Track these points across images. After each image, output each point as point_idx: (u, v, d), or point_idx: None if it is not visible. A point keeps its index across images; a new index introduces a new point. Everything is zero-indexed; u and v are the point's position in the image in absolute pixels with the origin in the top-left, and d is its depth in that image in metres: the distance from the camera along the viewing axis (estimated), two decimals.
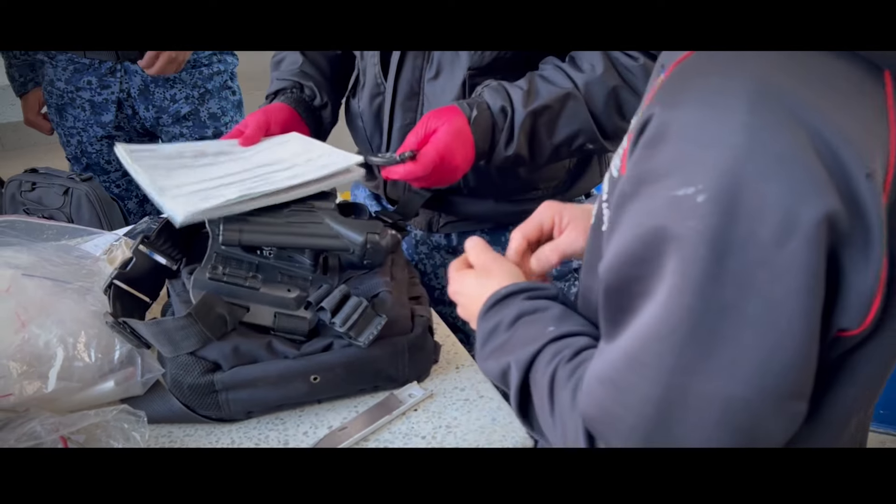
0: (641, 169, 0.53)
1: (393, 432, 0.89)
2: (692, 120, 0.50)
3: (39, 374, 0.87)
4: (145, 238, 0.98)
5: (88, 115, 1.86)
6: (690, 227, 0.49)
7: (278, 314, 0.89)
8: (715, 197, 0.48)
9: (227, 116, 1.95)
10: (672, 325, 0.50)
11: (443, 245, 1.24)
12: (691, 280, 0.49)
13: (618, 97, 0.99)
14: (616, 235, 0.56)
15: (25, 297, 0.92)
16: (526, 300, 0.74)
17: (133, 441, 0.83)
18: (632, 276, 0.54)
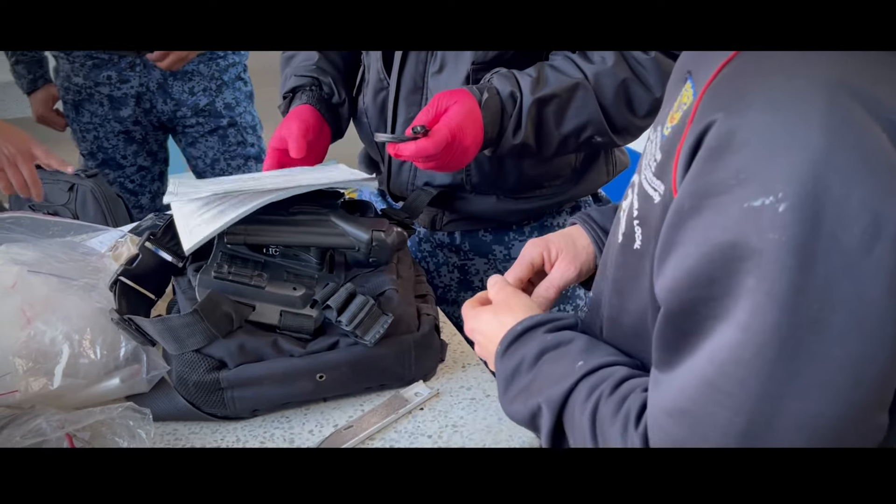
0: (705, 182, 0.50)
1: (399, 431, 0.88)
2: (763, 125, 0.48)
3: (45, 370, 0.87)
4: (151, 235, 0.98)
5: (107, 110, 1.86)
6: (772, 240, 0.46)
7: (284, 312, 0.89)
8: (798, 205, 0.45)
9: (240, 106, 1.97)
10: (756, 347, 0.47)
11: (446, 243, 1.23)
12: (776, 296, 0.46)
13: (627, 90, 0.98)
14: (675, 256, 0.53)
15: (31, 293, 0.92)
16: (546, 333, 0.71)
17: (138, 438, 0.83)
18: (700, 297, 0.51)
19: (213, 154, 1.98)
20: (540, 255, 0.87)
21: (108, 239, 1.20)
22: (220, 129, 1.96)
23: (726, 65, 0.53)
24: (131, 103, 1.86)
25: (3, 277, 0.93)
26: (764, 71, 0.50)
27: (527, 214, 1.18)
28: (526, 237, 1.20)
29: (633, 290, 0.65)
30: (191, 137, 1.97)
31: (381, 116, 1.15)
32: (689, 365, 0.52)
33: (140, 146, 1.95)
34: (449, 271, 1.25)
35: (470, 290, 1.24)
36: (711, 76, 0.54)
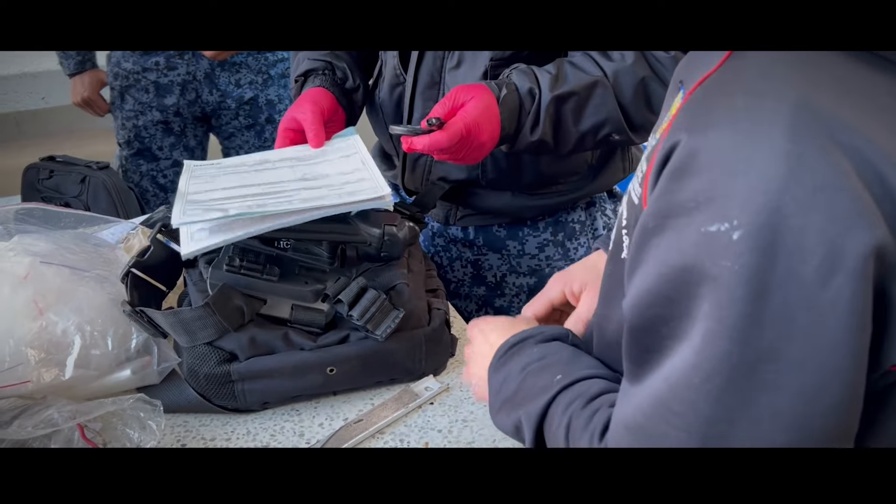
0: (667, 202, 0.49)
1: (409, 425, 0.88)
2: (724, 148, 0.46)
3: (57, 361, 0.87)
4: (163, 227, 0.98)
5: (151, 96, 1.86)
6: (725, 267, 0.45)
7: (295, 306, 0.89)
8: (752, 233, 0.44)
9: (282, 104, 1.96)
10: (707, 372, 0.46)
11: (459, 238, 1.23)
12: (728, 324, 0.45)
13: (646, 88, 0.98)
14: (640, 272, 0.52)
15: (44, 284, 0.92)
16: (534, 345, 0.72)
17: (149, 430, 0.83)
18: (659, 316, 0.50)
19: (248, 148, 1.99)
20: (560, 292, 0.87)
21: (120, 231, 1.20)
22: (258, 126, 1.96)
23: (704, 81, 0.52)
24: (176, 91, 1.86)
25: (16, 268, 0.94)
26: (729, 90, 0.49)
27: (542, 210, 1.17)
28: (540, 233, 1.19)
29: (616, 299, 0.64)
30: (228, 132, 1.98)
31: (397, 111, 1.15)
32: (649, 382, 0.52)
33: (178, 139, 1.95)
34: (462, 266, 1.24)
35: (483, 284, 1.24)
36: (689, 91, 0.53)
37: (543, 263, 1.21)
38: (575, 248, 1.21)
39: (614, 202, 1.26)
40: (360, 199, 0.91)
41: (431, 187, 1.13)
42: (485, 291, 1.24)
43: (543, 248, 1.20)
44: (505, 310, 1.25)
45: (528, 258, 1.20)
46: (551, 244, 1.20)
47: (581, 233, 1.21)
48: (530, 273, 1.21)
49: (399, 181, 1.20)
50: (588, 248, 1.22)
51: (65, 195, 1.61)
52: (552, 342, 0.73)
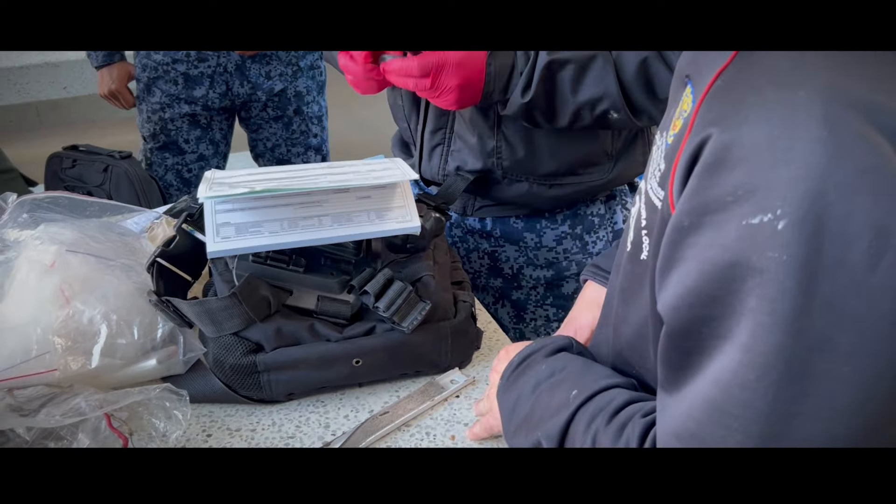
0: (702, 198, 0.48)
1: (435, 419, 0.88)
2: (759, 140, 0.46)
3: (84, 350, 0.87)
4: (189, 217, 0.98)
5: (180, 88, 1.86)
6: (772, 259, 0.44)
7: (321, 297, 0.88)
8: (797, 222, 0.43)
9: (310, 96, 1.97)
10: (761, 368, 0.46)
11: (477, 229, 1.22)
12: (779, 316, 0.45)
13: (649, 69, 0.94)
14: (676, 273, 0.51)
15: (70, 272, 0.92)
16: (542, 360, 0.71)
17: (175, 420, 0.83)
18: (701, 316, 0.49)
19: (276, 140, 1.99)
20: None
21: (144, 220, 1.20)
22: (286, 118, 1.96)
23: (721, 73, 0.51)
24: (206, 83, 1.86)
25: (43, 256, 0.94)
26: (756, 82, 0.48)
27: (560, 202, 1.16)
28: (558, 225, 1.18)
29: (636, 300, 0.63)
30: (256, 124, 1.97)
31: (414, 100, 1.15)
32: (695, 386, 0.51)
33: (204, 132, 1.95)
34: (479, 257, 1.24)
35: (500, 276, 1.23)
36: (707, 85, 0.52)
37: (561, 256, 1.20)
38: (594, 241, 1.20)
39: (630, 196, 1.25)
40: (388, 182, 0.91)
41: (455, 179, 1.12)
42: (501, 283, 1.24)
43: (561, 241, 1.19)
44: (522, 302, 1.24)
45: (546, 251, 1.19)
46: (569, 237, 1.19)
47: (600, 226, 1.20)
48: (547, 266, 1.20)
49: (417, 170, 1.20)
50: (607, 241, 1.20)
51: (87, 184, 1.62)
52: (559, 354, 0.72)
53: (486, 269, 1.24)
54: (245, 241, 0.86)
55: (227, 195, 0.84)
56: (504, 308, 1.27)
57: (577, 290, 1.23)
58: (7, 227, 1.04)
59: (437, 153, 1.15)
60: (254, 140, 2.03)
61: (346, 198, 0.90)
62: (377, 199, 0.91)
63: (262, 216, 0.87)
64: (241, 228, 0.86)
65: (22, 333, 0.87)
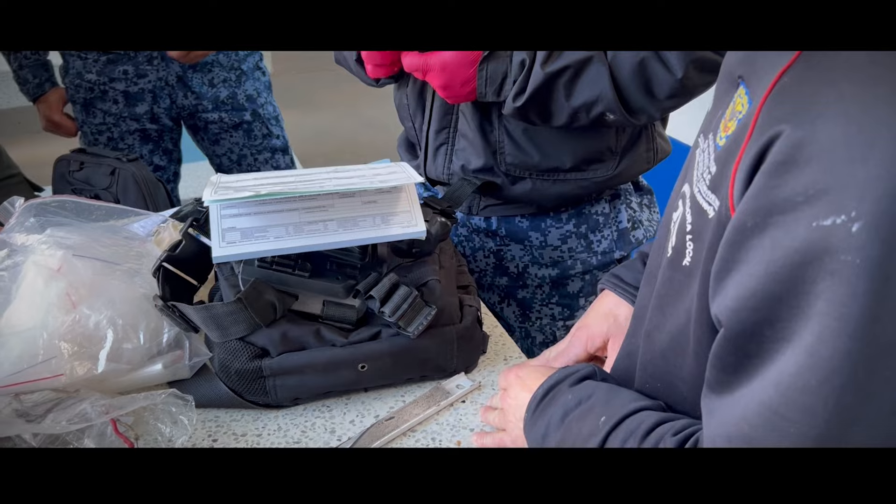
0: (769, 198, 0.47)
1: (441, 423, 0.87)
2: (835, 137, 0.44)
3: (90, 354, 0.87)
4: (195, 221, 0.98)
5: (122, 107, 1.81)
6: (846, 262, 0.43)
7: (327, 302, 0.88)
8: (873, 224, 0.42)
9: (261, 97, 1.93)
10: (825, 372, 0.44)
11: (482, 228, 1.22)
12: (848, 321, 0.43)
13: (646, 69, 0.94)
14: (737, 275, 0.50)
15: (76, 277, 0.92)
16: (568, 390, 0.71)
17: (180, 424, 0.83)
18: (765, 319, 0.48)
19: (240, 150, 1.94)
20: (583, 349, 0.88)
21: (150, 224, 1.20)
22: (245, 124, 1.91)
23: (785, 72, 0.50)
24: (148, 98, 1.81)
25: (50, 261, 0.94)
26: (831, 77, 0.46)
27: (564, 200, 1.16)
28: (563, 224, 1.18)
29: (673, 308, 0.62)
30: (213, 135, 1.92)
31: (419, 101, 1.16)
32: (751, 389, 0.50)
33: (156, 145, 1.91)
34: (485, 256, 1.24)
35: (505, 275, 1.23)
36: (770, 84, 0.50)
37: (566, 255, 1.20)
38: (598, 240, 1.20)
39: (640, 195, 1.24)
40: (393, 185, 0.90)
41: (462, 183, 1.12)
42: (507, 282, 1.24)
43: (566, 240, 1.19)
44: (527, 301, 1.24)
45: (551, 249, 1.19)
46: (574, 236, 1.19)
47: (605, 225, 1.20)
48: (552, 264, 1.20)
49: (422, 171, 1.20)
50: (612, 240, 1.20)
51: (95, 187, 1.62)
52: (584, 382, 0.72)
53: (492, 267, 1.24)
54: (251, 245, 0.86)
55: (231, 198, 0.84)
56: (510, 307, 1.27)
57: (581, 289, 1.22)
58: (14, 232, 1.04)
59: (441, 152, 1.15)
60: (217, 157, 1.96)
61: (352, 202, 0.90)
62: (383, 203, 0.91)
63: (267, 221, 0.87)
64: (246, 233, 0.86)
65: (28, 338, 0.87)
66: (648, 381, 0.69)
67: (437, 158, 1.16)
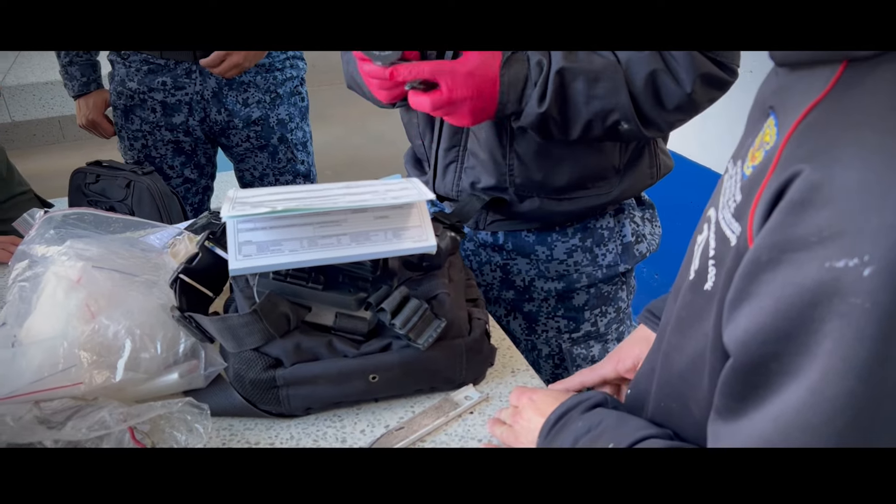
0: (785, 235, 0.47)
1: (449, 434, 0.89)
2: (853, 182, 0.44)
3: (108, 364, 0.89)
4: (211, 234, 1.00)
5: (158, 116, 1.85)
6: (855, 305, 0.43)
7: (339, 314, 0.91)
8: (885, 270, 0.42)
9: (293, 122, 1.96)
10: (827, 413, 0.45)
11: (489, 243, 1.25)
12: (854, 363, 0.44)
13: (656, 80, 0.96)
14: (748, 308, 0.51)
15: (95, 288, 0.95)
16: (580, 417, 0.73)
17: (196, 433, 0.86)
18: (772, 353, 0.49)
19: (262, 169, 1.98)
20: (613, 369, 0.90)
21: (166, 236, 1.23)
22: (271, 146, 1.94)
23: (813, 108, 0.51)
24: (184, 110, 1.84)
25: (69, 272, 0.97)
26: (854, 120, 0.47)
27: (570, 216, 1.18)
28: (569, 238, 1.20)
29: (693, 331, 0.63)
30: (240, 154, 1.96)
31: (428, 119, 1.18)
32: (753, 421, 0.51)
33: (188, 158, 1.94)
34: (491, 270, 1.26)
35: (512, 288, 1.25)
36: (797, 119, 0.51)
37: (572, 269, 1.22)
38: (603, 254, 1.22)
39: (643, 209, 1.26)
40: (405, 202, 0.93)
41: (470, 199, 1.14)
42: (513, 295, 1.26)
43: (572, 254, 1.21)
44: (534, 314, 1.26)
45: (557, 263, 1.21)
46: (580, 250, 1.21)
47: (609, 239, 1.22)
48: (558, 278, 1.22)
49: (431, 187, 1.22)
50: (616, 254, 1.22)
51: (110, 199, 1.65)
52: (595, 409, 0.74)
53: (499, 281, 1.26)
54: (266, 259, 0.88)
55: (249, 214, 0.86)
56: (516, 320, 1.29)
57: (587, 302, 1.24)
58: (35, 243, 1.07)
59: (451, 170, 1.17)
60: (240, 171, 2.01)
61: (365, 217, 0.93)
62: (394, 218, 0.93)
63: (282, 235, 0.90)
64: (262, 247, 0.89)
65: (49, 347, 0.89)
66: (664, 401, 0.70)
67: (447, 176, 1.18)
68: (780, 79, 0.58)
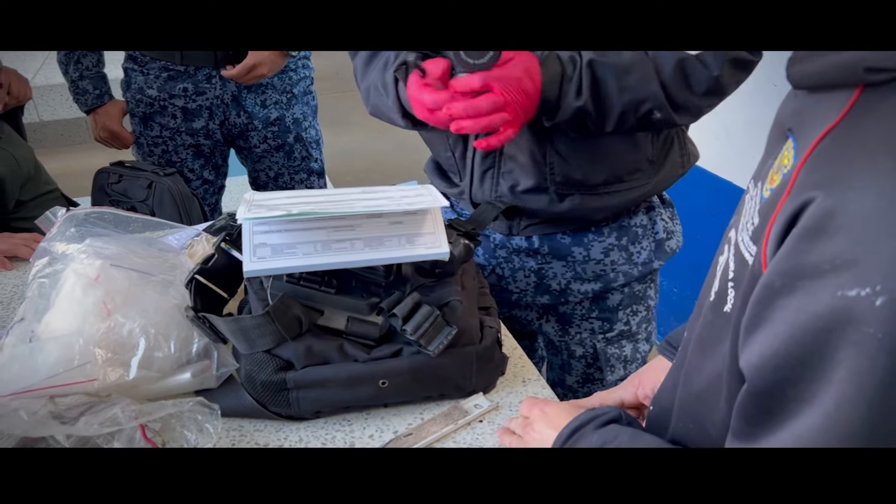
0: (797, 262, 0.48)
1: (457, 441, 0.89)
2: (866, 210, 0.45)
3: (122, 361, 0.91)
4: (227, 236, 1.01)
5: (179, 122, 1.87)
6: (868, 334, 0.44)
7: (351, 318, 0.91)
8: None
9: (307, 121, 1.99)
10: (839, 438, 0.46)
11: (523, 248, 1.24)
12: (867, 391, 0.44)
13: (685, 66, 0.98)
14: (763, 333, 0.51)
15: (113, 286, 0.96)
16: (594, 432, 0.73)
17: (206, 432, 0.86)
18: (787, 379, 0.49)
19: (278, 168, 2.01)
20: (633, 394, 0.90)
21: (184, 237, 1.24)
22: (287, 146, 1.98)
23: (828, 133, 0.51)
24: (205, 115, 1.87)
25: (88, 270, 0.98)
26: (869, 147, 0.47)
27: (606, 213, 1.18)
28: (605, 237, 1.20)
29: (712, 352, 0.63)
30: (257, 155, 1.99)
31: None
32: (769, 445, 0.51)
33: (207, 160, 1.98)
34: (525, 276, 1.25)
35: (546, 293, 1.25)
36: (813, 144, 0.51)
37: (609, 268, 1.22)
38: (638, 251, 1.22)
39: (665, 207, 1.27)
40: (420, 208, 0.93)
41: (487, 207, 1.14)
42: (548, 300, 1.26)
43: (608, 253, 1.21)
44: (568, 316, 1.27)
45: (594, 263, 1.21)
46: (616, 248, 1.21)
47: (643, 236, 1.23)
48: (595, 279, 1.22)
49: (468, 196, 1.21)
50: (650, 251, 1.23)
51: (132, 199, 1.67)
52: (609, 425, 0.74)
53: (533, 286, 1.26)
54: (280, 261, 0.89)
55: (264, 217, 0.87)
56: (549, 323, 1.30)
57: (621, 302, 1.26)
58: (55, 241, 1.08)
59: (488, 177, 1.17)
60: (255, 171, 2.04)
61: (379, 222, 0.93)
62: (408, 224, 0.94)
63: (297, 238, 0.90)
64: (276, 249, 0.90)
65: (65, 343, 0.91)
66: (682, 420, 0.70)
67: (485, 183, 1.18)
68: (798, 101, 0.58)
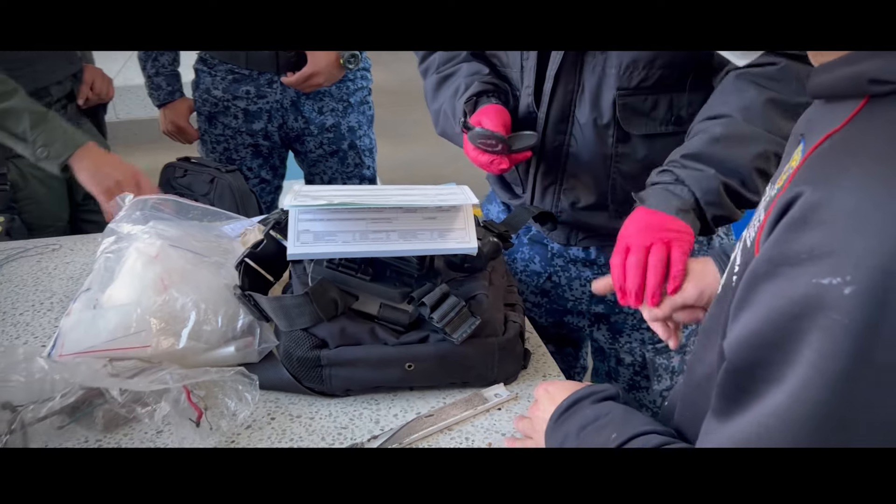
0: (781, 250, 0.51)
1: (475, 426, 0.95)
2: (847, 207, 0.48)
3: (174, 332, 0.99)
4: (276, 224, 1.09)
5: (241, 122, 1.99)
6: (835, 320, 0.47)
7: (383, 305, 0.98)
8: (864, 291, 0.46)
9: (361, 130, 2.07)
10: (799, 418, 0.49)
11: (580, 258, 1.28)
12: (828, 375, 0.47)
13: (775, 107, 1.01)
14: (745, 315, 0.55)
15: (170, 264, 1.05)
16: (589, 406, 0.77)
17: (244, 401, 0.94)
18: (759, 359, 0.53)
19: (332, 173, 2.10)
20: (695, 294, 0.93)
21: (239, 227, 1.33)
22: (341, 152, 2.06)
23: (830, 136, 0.54)
24: (264, 118, 1.98)
25: (149, 248, 1.07)
26: (864, 155, 0.51)
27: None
28: None
29: (712, 341, 0.66)
30: (312, 160, 2.09)
31: None
32: (738, 422, 0.54)
33: (265, 160, 2.08)
34: (581, 285, 1.29)
35: (602, 302, 1.28)
36: (815, 145, 0.55)
37: None
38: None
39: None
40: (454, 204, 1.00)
41: (520, 210, 1.19)
42: (603, 309, 1.29)
43: None
44: (619, 325, 1.30)
45: None
46: None
47: (699, 252, 1.24)
48: None
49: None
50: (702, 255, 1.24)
51: (195, 193, 1.77)
52: (606, 402, 0.78)
53: (588, 295, 1.29)
54: (321, 247, 0.96)
55: (307, 205, 0.95)
56: (599, 331, 1.33)
57: None
58: (122, 222, 1.18)
59: (549, 192, 1.21)
60: (311, 175, 2.14)
61: (414, 217, 1.00)
62: (441, 220, 1.00)
63: (337, 227, 0.98)
64: (318, 236, 0.97)
65: (125, 312, 1.00)
66: (684, 409, 0.74)
67: (546, 197, 1.22)
68: (813, 109, 0.62)
